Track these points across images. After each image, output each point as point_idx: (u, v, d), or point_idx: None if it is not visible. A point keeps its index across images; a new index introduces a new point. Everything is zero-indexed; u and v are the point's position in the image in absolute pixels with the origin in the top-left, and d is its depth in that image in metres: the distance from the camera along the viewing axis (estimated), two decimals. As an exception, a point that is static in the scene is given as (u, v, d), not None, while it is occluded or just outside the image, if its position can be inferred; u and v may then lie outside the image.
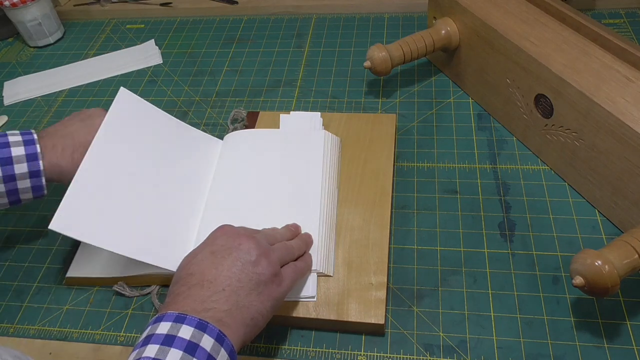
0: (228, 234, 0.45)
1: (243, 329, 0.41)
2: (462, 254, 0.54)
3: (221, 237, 0.45)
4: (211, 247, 0.44)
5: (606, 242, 0.54)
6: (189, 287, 0.41)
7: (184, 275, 0.43)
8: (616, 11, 0.81)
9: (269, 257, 0.45)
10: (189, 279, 0.42)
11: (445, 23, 0.68)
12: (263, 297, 0.43)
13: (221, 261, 0.43)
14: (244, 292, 0.42)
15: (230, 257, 0.43)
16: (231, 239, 0.44)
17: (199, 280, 0.42)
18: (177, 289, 0.42)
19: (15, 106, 0.81)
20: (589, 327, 0.48)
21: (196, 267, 0.43)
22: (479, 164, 0.63)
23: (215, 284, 0.41)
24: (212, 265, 0.43)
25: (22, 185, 0.52)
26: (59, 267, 0.58)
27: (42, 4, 0.88)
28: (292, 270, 0.47)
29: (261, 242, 0.45)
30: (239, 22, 0.91)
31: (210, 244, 0.45)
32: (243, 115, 0.70)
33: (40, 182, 0.52)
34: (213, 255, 0.43)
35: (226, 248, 0.44)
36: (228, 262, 0.43)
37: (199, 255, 0.44)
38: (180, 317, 0.39)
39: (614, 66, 0.52)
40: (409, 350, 0.48)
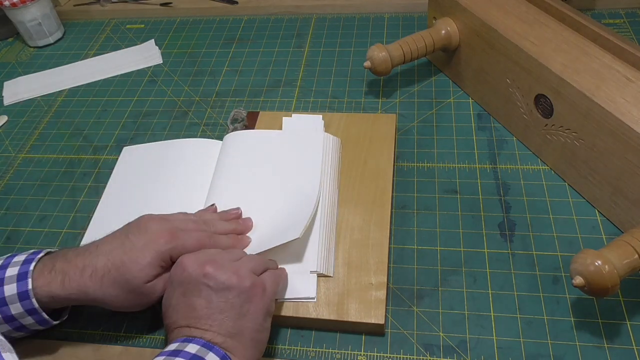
0: (189, 267, 0.44)
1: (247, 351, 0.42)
2: (462, 254, 0.54)
3: (184, 274, 0.44)
4: (179, 289, 0.43)
5: (606, 242, 0.54)
6: (177, 333, 0.42)
7: (169, 324, 0.43)
8: (616, 11, 0.81)
9: (238, 273, 0.43)
10: (174, 326, 0.43)
11: (445, 23, 0.68)
12: (251, 314, 0.43)
13: (195, 300, 0.42)
14: (230, 321, 0.42)
15: (202, 293, 0.42)
16: (194, 273, 0.43)
17: (184, 325, 0.42)
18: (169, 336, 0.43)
19: (15, 106, 0.81)
20: (589, 327, 0.48)
21: (175, 315, 0.43)
22: (479, 164, 0.63)
23: (200, 324, 0.42)
24: (189, 307, 0.42)
25: (27, 322, 0.46)
26: (59, 267, 0.58)
27: (42, 4, 0.88)
28: (271, 275, 0.46)
29: (225, 263, 0.44)
30: (239, 22, 0.91)
31: (178, 285, 0.44)
32: (243, 115, 0.70)
33: (42, 317, 0.46)
34: (185, 297, 0.43)
35: (194, 283, 0.43)
36: (202, 298, 0.42)
37: (173, 301, 0.44)
38: (208, 345, 0.40)
39: (613, 66, 0.52)
40: (409, 350, 0.48)
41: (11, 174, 0.70)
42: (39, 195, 0.67)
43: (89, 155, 0.71)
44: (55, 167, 0.70)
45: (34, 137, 0.75)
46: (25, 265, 0.45)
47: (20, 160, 0.72)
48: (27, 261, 0.46)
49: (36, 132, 0.76)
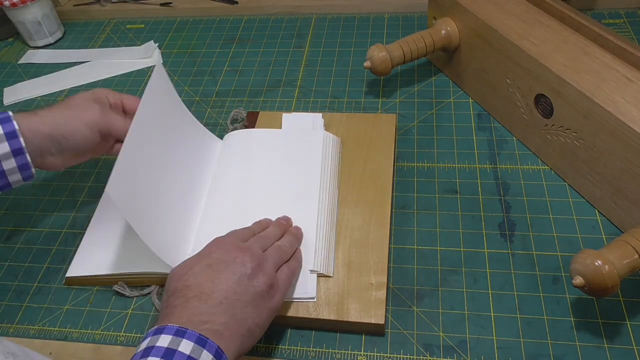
0: (223, 247, 0.45)
1: (239, 340, 0.42)
2: (462, 254, 0.54)
3: (217, 251, 0.45)
4: (207, 260, 0.44)
5: (606, 242, 0.54)
6: (187, 299, 0.42)
7: (180, 287, 0.43)
8: (616, 11, 0.81)
9: (264, 268, 0.45)
10: (185, 291, 0.42)
11: (445, 23, 0.68)
12: (259, 309, 0.44)
13: (218, 274, 0.43)
14: (240, 305, 0.42)
15: (226, 271, 0.43)
16: (226, 253, 0.45)
17: (196, 293, 0.42)
18: (174, 301, 0.42)
19: (15, 106, 0.81)
20: (589, 327, 0.48)
21: (193, 280, 0.43)
22: (479, 164, 0.63)
23: (212, 297, 0.42)
24: (209, 278, 0.43)
25: (8, 166, 0.51)
26: (59, 267, 0.58)
27: (42, 3, 0.88)
28: (286, 275, 0.48)
29: (255, 254, 0.45)
30: (239, 22, 0.91)
31: (206, 256, 0.45)
32: (243, 115, 0.70)
33: (25, 159, 0.51)
34: (210, 268, 0.43)
35: (222, 261, 0.44)
36: (225, 276, 0.43)
37: (196, 267, 0.44)
38: (181, 331, 0.39)
39: (613, 66, 0.52)
40: (409, 350, 0.48)
41: (11, 174, 0.70)
42: (39, 195, 0.67)
43: (89, 155, 0.71)
44: (55, 167, 0.70)
45: (34, 137, 0.75)
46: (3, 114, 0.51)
47: (20, 160, 0.72)
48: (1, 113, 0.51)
49: (36, 132, 0.76)
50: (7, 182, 0.52)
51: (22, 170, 0.52)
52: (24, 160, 0.51)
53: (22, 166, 0.51)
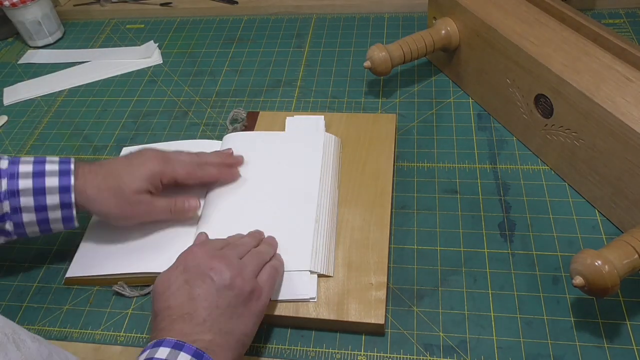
0: (198, 258, 0.45)
1: (230, 353, 0.42)
2: (462, 254, 0.54)
3: (192, 263, 0.44)
4: (184, 275, 0.43)
5: (606, 242, 0.54)
6: (171, 321, 0.41)
7: (163, 309, 0.42)
8: (616, 11, 0.81)
9: (242, 274, 0.44)
10: (168, 312, 0.42)
11: (445, 23, 0.68)
12: (244, 317, 0.43)
13: (197, 290, 0.42)
14: (224, 318, 0.42)
15: (204, 285, 0.42)
16: (202, 264, 0.44)
17: (178, 314, 0.41)
18: (160, 323, 0.42)
19: (15, 106, 0.81)
20: (589, 327, 0.48)
21: (173, 300, 0.42)
22: (479, 164, 0.63)
23: (195, 316, 0.41)
24: (189, 296, 0.42)
25: (53, 216, 0.51)
26: (59, 267, 0.58)
27: (42, 3, 0.88)
28: (268, 275, 0.47)
29: (232, 261, 0.45)
30: (239, 22, 0.91)
31: (182, 271, 0.44)
32: (242, 115, 0.70)
33: (71, 213, 0.51)
34: (187, 284, 0.43)
35: (199, 274, 0.43)
36: (203, 291, 0.42)
37: (173, 286, 0.43)
38: (179, 345, 0.39)
39: (613, 66, 0.52)
40: (409, 350, 0.48)
41: (11, 174, 0.70)
42: (39, 195, 0.67)
43: (89, 155, 0.71)
44: (55, 167, 0.70)
45: (34, 137, 0.75)
46: (65, 165, 0.52)
47: (20, 160, 0.72)
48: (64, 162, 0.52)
49: (36, 132, 0.76)
50: (48, 229, 0.52)
51: (65, 222, 0.52)
52: (69, 214, 0.51)
53: (66, 218, 0.52)
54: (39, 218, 0.51)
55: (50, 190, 0.50)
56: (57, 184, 0.50)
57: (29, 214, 0.50)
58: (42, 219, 0.51)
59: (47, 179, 0.50)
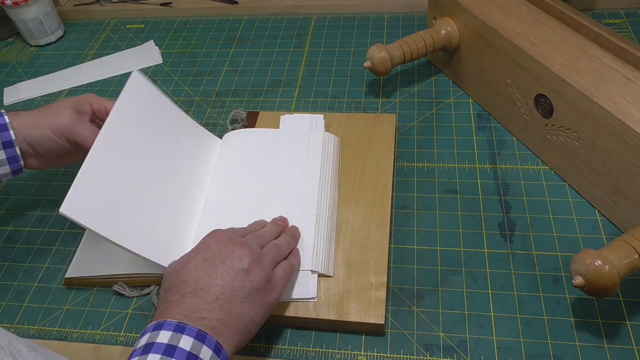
0: (221, 240, 0.45)
1: (236, 336, 0.42)
2: (462, 254, 0.54)
3: (214, 244, 0.45)
4: (204, 254, 0.44)
5: (606, 242, 0.54)
6: (183, 294, 0.41)
7: (177, 283, 0.42)
8: (616, 11, 0.81)
9: (261, 263, 0.45)
10: (182, 286, 0.42)
11: (445, 23, 0.68)
12: (256, 304, 0.43)
13: (214, 269, 0.43)
14: (237, 300, 0.42)
15: (223, 265, 0.43)
16: (224, 246, 0.44)
17: (192, 288, 0.42)
18: (171, 296, 0.42)
19: (15, 106, 0.81)
20: (589, 327, 0.48)
21: (189, 275, 0.43)
22: (479, 164, 0.63)
23: (208, 292, 0.41)
24: (206, 273, 0.42)
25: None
26: (59, 267, 0.58)
27: (43, 2, 0.88)
28: (284, 271, 0.47)
29: (253, 249, 0.45)
30: (239, 22, 0.91)
31: (204, 250, 0.44)
32: (242, 115, 0.70)
33: (14, 152, 0.54)
34: (206, 263, 0.43)
35: (219, 255, 0.44)
36: (221, 270, 0.43)
37: (192, 262, 0.43)
38: (180, 327, 0.39)
39: (614, 66, 0.52)
40: (409, 350, 0.48)
41: (11, 174, 0.70)
42: (39, 195, 0.67)
43: (89, 155, 0.71)
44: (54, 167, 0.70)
45: (34, 137, 0.75)
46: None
47: (20, 160, 0.72)
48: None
49: (36, 132, 0.76)
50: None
51: (11, 162, 0.54)
52: (13, 153, 0.53)
53: (11, 158, 0.53)
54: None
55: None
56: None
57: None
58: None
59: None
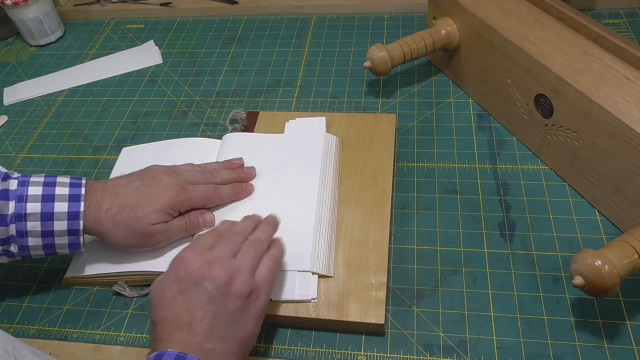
0: (189, 265, 0.43)
1: (234, 357, 0.42)
2: (462, 254, 0.54)
3: (183, 271, 0.43)
4: (178, 285, 0.42)
5: (606, 242, 0.54)
6: (169, 332, 0.41)
7: (160, 319, 0.42)
8: (616, 11, 0.81)
9: (237, 277, 0.43)
10: (166, 323, 0.41)
11: (445, 23, 0.68)
12: (244, 320, 0.43)
13: (191, 300, 0.41)
14: (223, 326, 0.41)
15: (198, 294, 0.42)
16: (194, 272, 0.42)
17: (176, 325, 0.41)
18: (158, 335, 0.41)
19: (15, 106, 0.81)
20: (589, 327, 0.48)
21: (169, 311, 0.42)
22: (479, 164, 0.63)
23: (193, 326, 0.41)
24: (184, 307, 0.41)
25: (60, 242, 0.50)
26: (59, 267, 0.58)
27: (43, 2, 0.88)
28: (267, 270, 0.45)
29: (225, 264, 0.43)
30: (239, 22, 0.91)
31: (175, 280, 0.43)
32: (242, 116, 0.70)
33: (78, 240, 0.50)
34: (182, 295, 0.42)
35: (192, 283, 0.42)
36: (198, 300, 0.41)
37: (167, 297, 0.42)
38: (181, 357, 0.39)
39: (614, 66, 0.52)
40: (409, 350, 0.48)
41: (11, 174, 0.70)
42: (39, 195, 0.67)
43: (89, 155, 0.71)
44: (55, 167, 0.70)
45: (34, 137, 0.75)
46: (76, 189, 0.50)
47: (20, 160, 0.72)
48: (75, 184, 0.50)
49: (36, 132, 0.76)
50: (53, 252, 0.51)
51: (71, 247, 0.51)
52: (76, 240, 0.50)
53: (72, 245, 0.50)
54: (45, 243, 0.49)
55: (58, 216, 0.48)
56: (66, 209, 0.48)
57: (35, 239, 0.48)
58: (48, 244, 0.49)
59: (56, 204, 0.48)
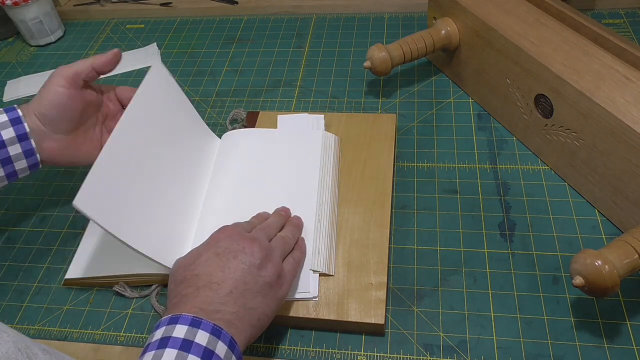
0: (231, 236, 0.45)
1: (250, 330, 0.42)
2: (462, 254, 0.54)
3: (224, 240, 0.45)
4: (215, 249, 0.44)
5: (606, 242, 0.54)
6: (197, 288, 0.42)
7: (189, 276, 0.43)
8: (616, 11, 0.81)
9: (272, 259, 0.45)
10: (195, 280, 0.42)
11: (445, 23, 0.68)
12: (268, 299, 0.44)
13: (227, 263, 0.43)
14: (250, 294, 0.42)
15: (235, 260, 0.43)
16: (234, 242, 0.45)
17: (206, 282, 0.42)
18: (184, 290, 0.42)
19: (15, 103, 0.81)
20: (589, 327, 0.48)
21: (202, 269, 0.43)
22: (479, 164, 0.63)
23: (222, 286, 0.42)
24: (218, 267, 0.43)
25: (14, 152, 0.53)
26: (59, 267, 0.58)
27: (43, 2, 0.88)
28: (292, 266, 0.48)
29: (263, 244, 0.46)
30: (239, 22, 0.91)
31: (214, 245, 0.45)
32: (242, 115, 0.70)
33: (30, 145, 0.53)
34: (218, 257, 0.43)
35: (231, 251, 0.44)
36: (234, 265, 0.43)
37: (203, 256, 0.44)
38: (196, 322, 0.39)
39: (613, 66, 0.52)
40: (409, 350, 0.48)
41: (11, 174, 0.70)
42: (39, 195, 0.67)
43: (89, 155, 0.71)
44: (55, 167, 0.70)
45: (34, 137, 0.75)
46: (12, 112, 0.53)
47: (20, 160, 0.72)
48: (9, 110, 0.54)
49: (36, 132, 0.76)
50: (13, 170, 0.53)
51: (27, 156, 0.53)
52: (29, 146, 0.53)
53: (27, 152, 0.53)
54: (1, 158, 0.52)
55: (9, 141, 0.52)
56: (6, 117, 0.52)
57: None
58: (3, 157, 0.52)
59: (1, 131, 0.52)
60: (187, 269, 0.44)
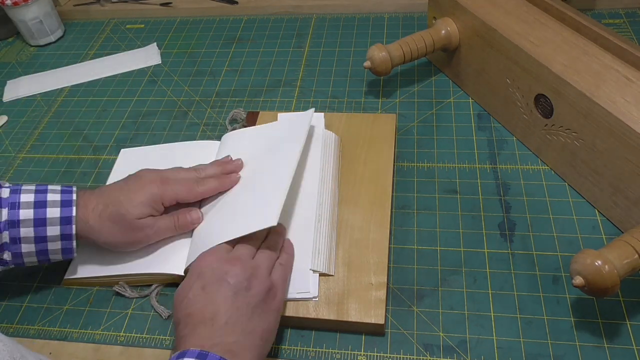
0: (211, 264, 0.45)
1: (256, 350, 0.42)
2: (462, 254, 0.54)
3: (206, 268, 0.45)
4: (200, 282, 0.44)
5: (606, 242, 0.54)
6: (193, 327, 0.42)
7: (183, 317, 0.43)
8: (616, 11, 0.81)
9: (257, 275, 0.45)
10: (189, 319, 0.42)
11: (445, 23, 0.68)
12: (265, 315, 0.44)
13: (215, 294, 0.43)
14: (245, 318, 0.43)
15: (222, 288, 0.43)
16: (217, 269, 0.45)
17: (199, 319, 0.42)
18: (182, 330, 0.42)
19: (15, 106, 0.81)
20: (589, 327, 0.48)
21: (192, 306, 0.43)
22: (479, 164, 0.63)
23: (216, 319, 0.42)
24: (208, 301, 0.43)
25: (53, 247, 0.50)
26: (59, 267, 0.58)
27: (43, 2, 0.88)
28: (280, 273, 0.48)
29: (246, 263, 0.45)
30: (239, 22, 0.91)
31: (197, 278, 0.44)
32: (242, 116, 0.70)
33: (71, 244, 0.50)
34: (204, 291, 0.43)
35: (215, 279, 0.44)
36: (222, 293, 0.43)
37: (190, 294, 0.44)
38: (202, 355, 0.39)
39: (614, 66, 0.52)
40: (409, 350, 0.48)
41: (11, 174, 0.70)
42: (39, 195, 0.67)
43: (89, 155, 0.71)
44: (55, 167, 0.70)
45: (34, 137, 0.75)
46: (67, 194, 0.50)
47: (20, 160, 0.72)
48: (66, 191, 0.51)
49: (36, 132, 0.76)
50: (46, 259, 0.51)
51: (64, 253, 0.51)
52: (69, 245, 0.50)
53: (65, 250, 0.51)
54: (39, 249, 0.50)
55: (51, 221, 0.49)
56: (58, 214, 0.49)
57: (29, 245, 0.49)
58: (41, 249, 0.50)
59: (48, 209, 0.49)
60: (179, 308, 0.44)
